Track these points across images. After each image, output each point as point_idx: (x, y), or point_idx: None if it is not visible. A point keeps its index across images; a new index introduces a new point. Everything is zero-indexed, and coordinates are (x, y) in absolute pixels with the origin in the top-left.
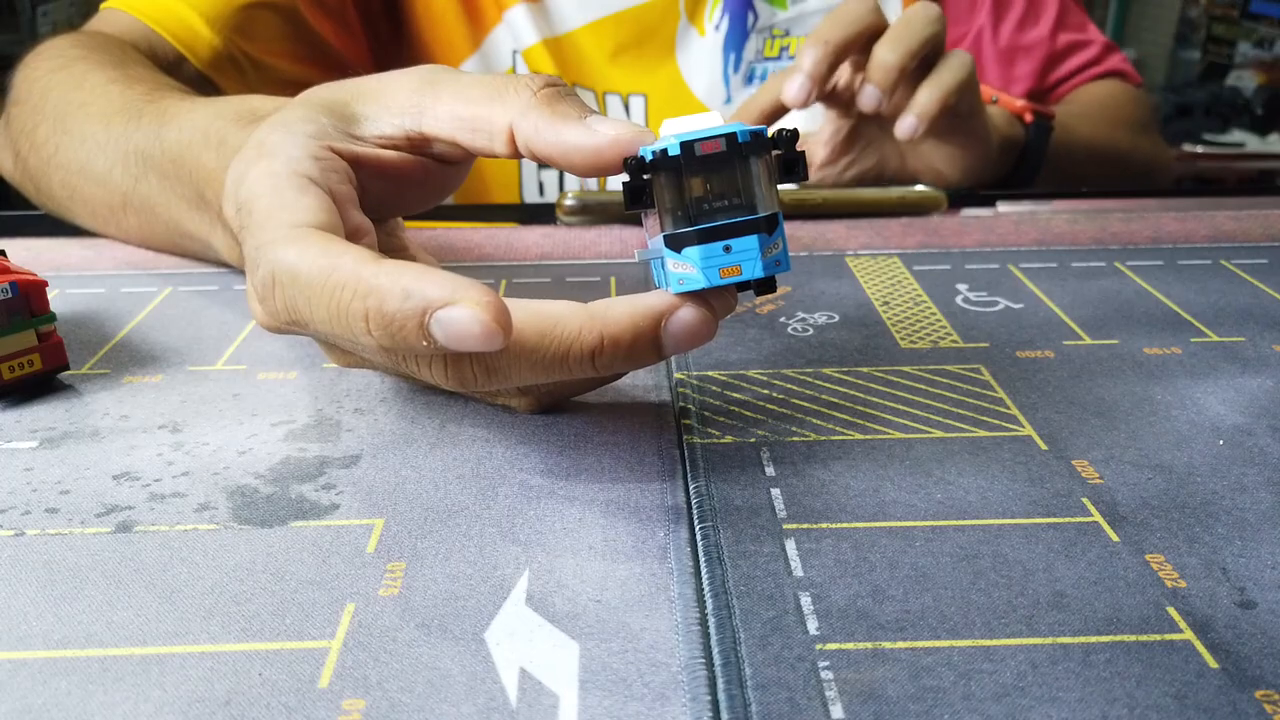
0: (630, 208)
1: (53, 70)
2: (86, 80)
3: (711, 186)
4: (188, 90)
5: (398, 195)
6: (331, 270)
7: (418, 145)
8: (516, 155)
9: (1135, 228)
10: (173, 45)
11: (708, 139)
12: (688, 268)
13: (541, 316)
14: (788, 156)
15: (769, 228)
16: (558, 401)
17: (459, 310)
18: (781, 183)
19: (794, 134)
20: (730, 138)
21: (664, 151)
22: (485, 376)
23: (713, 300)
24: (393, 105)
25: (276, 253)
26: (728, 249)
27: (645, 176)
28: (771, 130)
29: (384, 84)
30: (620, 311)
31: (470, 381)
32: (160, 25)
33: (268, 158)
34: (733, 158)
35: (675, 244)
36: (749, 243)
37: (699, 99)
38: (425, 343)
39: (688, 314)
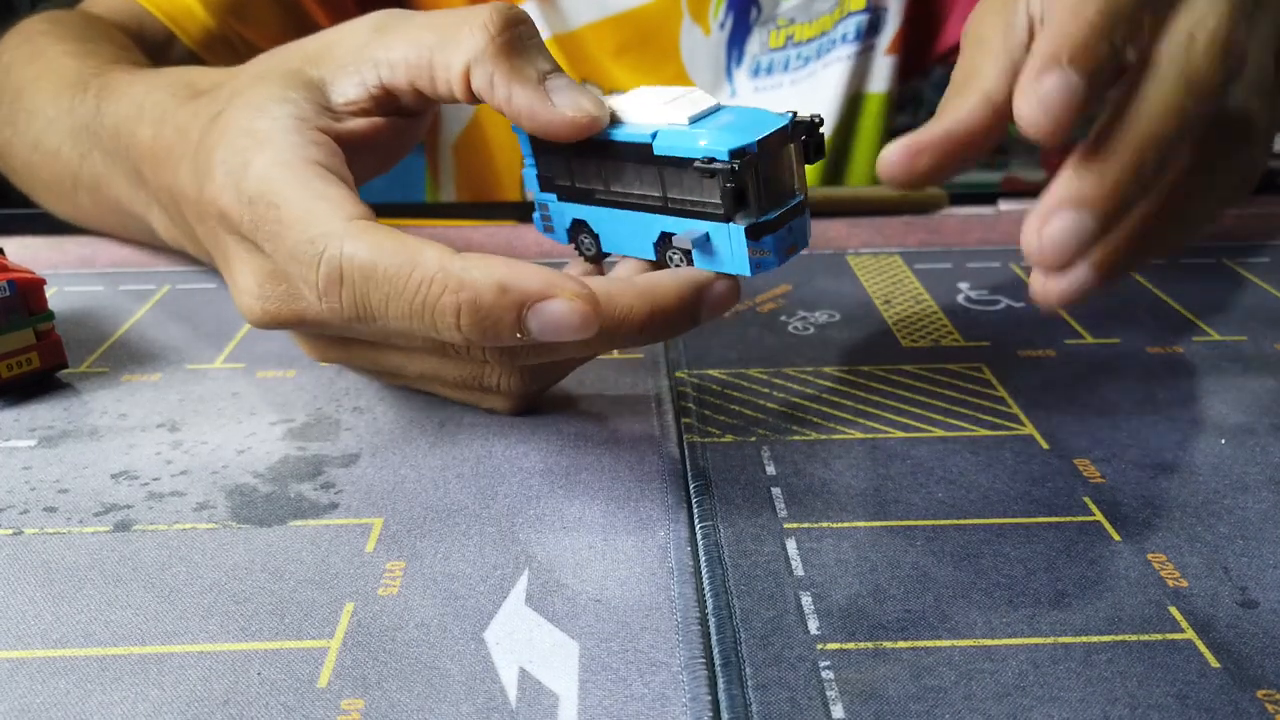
0: (734, 212)
1: (16, 46)
2: (43, 55)
3: (770, 174)
4: (143, 64)
5: (369, 161)
6: (413, 265)
7: (383, 102)
8: (475, 100)
9: None
10: (163, 24)
11: (774, 133)
12: (765, 252)
13: (594, 298)
14: (815, 140)
15: (805, 205)
16: (538, 401)
17: (558, 304)
18: (807, 163)
19: (821, 120)
20: (783, 130)
21: (744, 150)
22: (533, 352)
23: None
24: (345, 62)
25: (345, 248)
26: (790, 230)
27: (731, 184)
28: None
29: (330, 41)
30: (668, 287)
31: (519, 355)
32: (150, 2)
33: (269, 147)
34: (782, 146)
35: (756, 233)
36: (801, 222)
37: None
38: (519, 335)
39: (723, 285)
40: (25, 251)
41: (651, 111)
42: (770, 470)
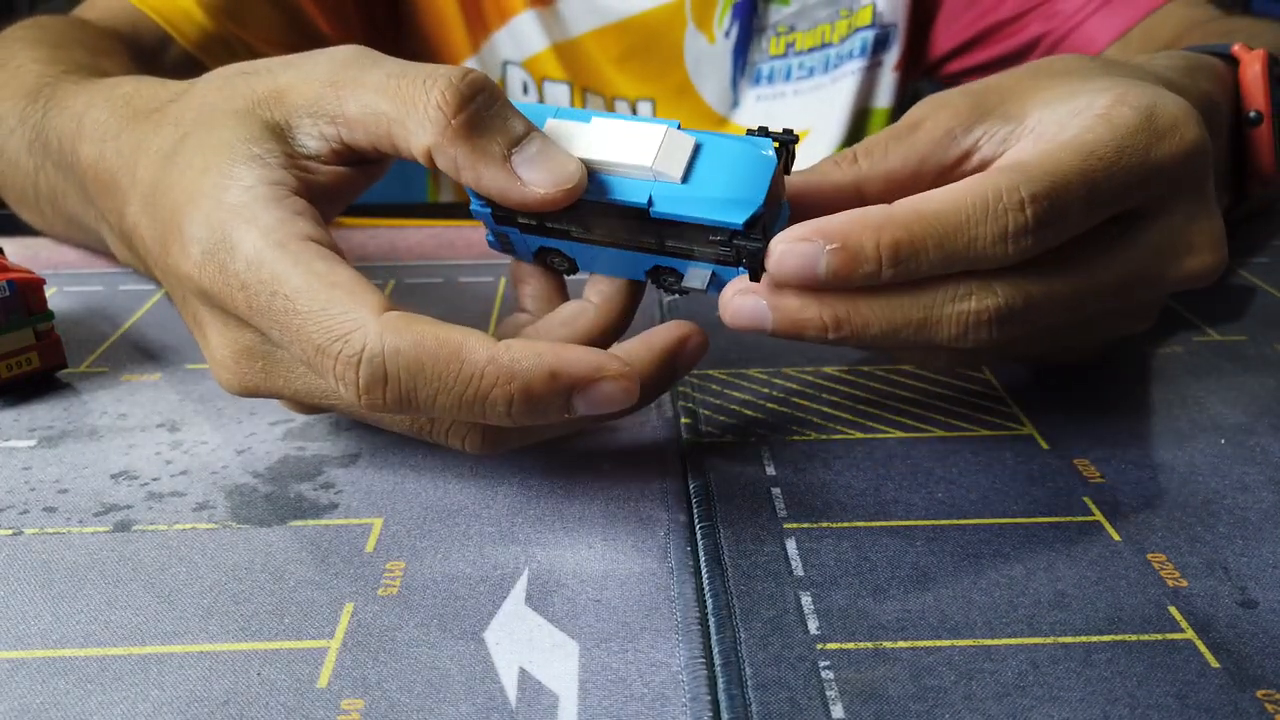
0: (756, 269)
1: None
2: (12, 60)
3: (770, 206)
4: (109, 70)
5: (330, 208)
6: (461, 360)
7: (344, 156)
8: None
9: None
10: (158, 27)
11: (773, 179)
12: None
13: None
14: (792, 153)
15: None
16: (507, 444)
17: (606, 385)
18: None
19: (796, 138)
20: (777, 169)
21: (757, 216)
22: (518, 435)
23: None
24: (302, 110)
25: (386, 346)
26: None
27: (753, 253)
28: (778, 132)
29: (283, 85)
30: (645, 359)
31: (501, 443)
32: (147, 5)
33: (253, 226)
34: (778, 180)
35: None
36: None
37: (708, 104)
38: (566, 415)
39: (697, 340)
40: (25, 251)
41: (628, 154)
42: (770, 470)
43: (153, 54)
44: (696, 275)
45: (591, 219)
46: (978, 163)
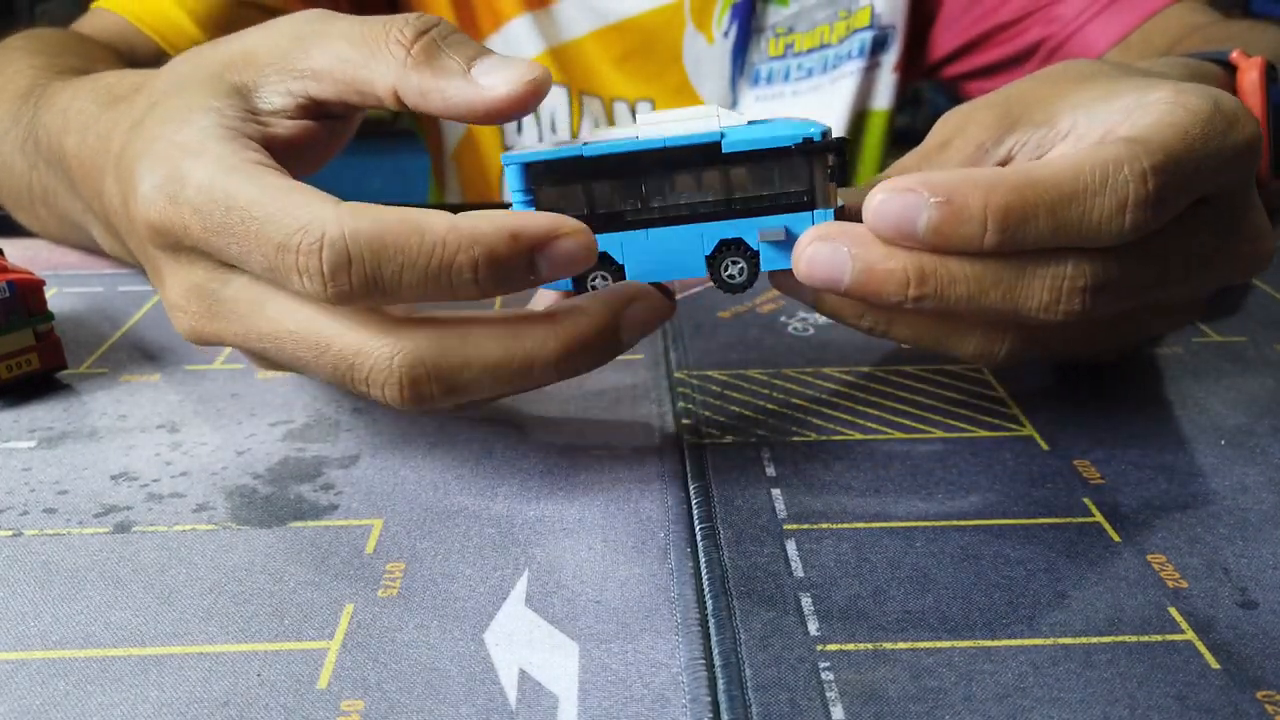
0: (840, 181)
1: None
2: (10, 67)
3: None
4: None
5: (299, 164)
6: (421, 231)
7: (310, 109)
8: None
9: None
10: (153, 41)
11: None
12: None
13: (503, 330)
14: (838, 162)
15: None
16: (431, 399)
17: (566, 242)
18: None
19: (845, 141)
20: (823, 125)
21: (827, 133)
22: (445, 395)
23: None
24: (268, 71)
25: (347, 227)
26: None
27: (835, 159)
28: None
29: (250, 45)
30: (584, 317)
31: (427, 399)
32: (140, 21)
33: (204, 156)
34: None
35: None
36: None
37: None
38: (531, 277)
39: (645, 304)
40: (25, 252)
41: (688, 123)
42: (770, 471)
43: (147, 68)
44: (771, 231)
45: (653, 180)
46: None
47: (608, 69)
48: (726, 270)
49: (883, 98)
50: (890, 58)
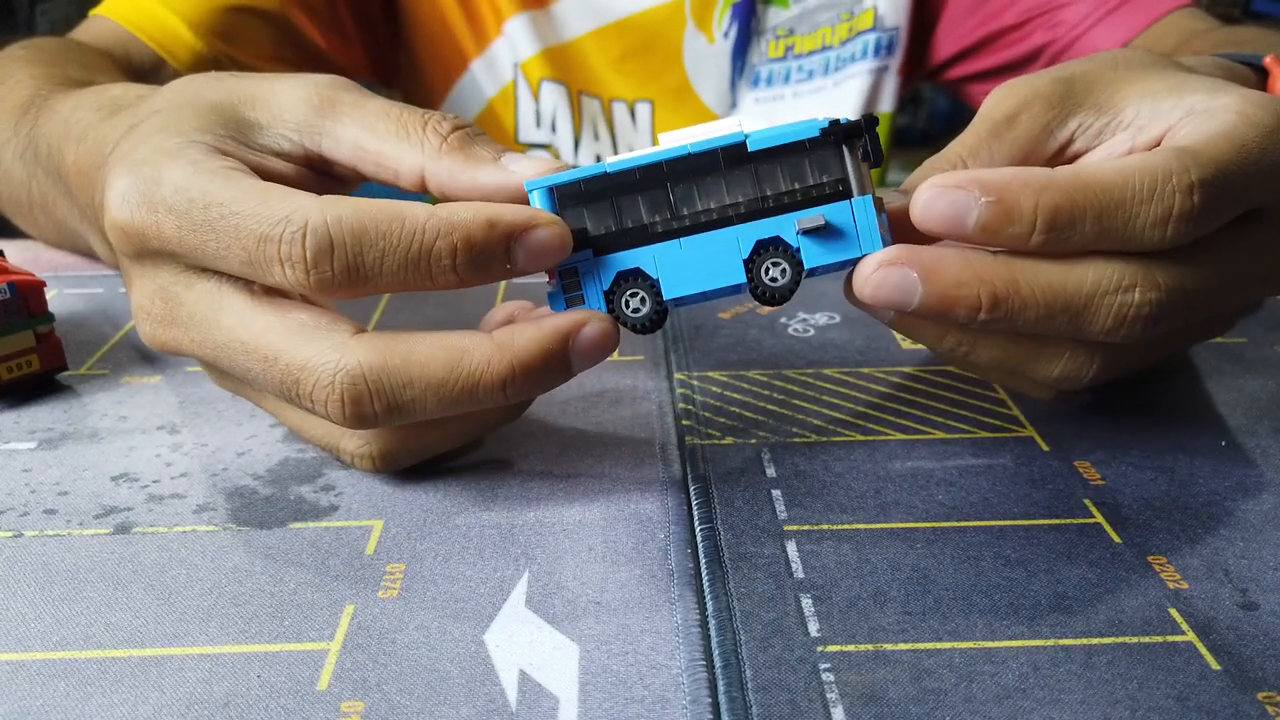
0: (875, 160)
1: None
2: (11, 77)
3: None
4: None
5: None
6: (402, 218)
7: (313, 163)
8: (420, 193)
9: None
10: (150, 49)
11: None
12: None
13: (448, 349)
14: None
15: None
16: (405, 459)
17: (542, 232)
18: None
19: (876, 120)
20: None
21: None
22: (388, 413)
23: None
24: (287, 118)
25: (329, 215)
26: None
27: (866, 141)
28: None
29: (275, 91)
30: (528, 337)
31: (370, 419)
32: (138, 29)
33: (180, 158)
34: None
35: (879, 207)
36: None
37: (707, 105)
38: (508, 265)
39: (594, 328)
40: (26, 254)
41: (710, 133)
42: (770, 472)
43: (145, 76)
44: (810, 221)
45: (680, 188)
46: (1070, 158)
47: (607, 69)
48: (768, 274)
49: (887, 100)
50: (895, 60)
